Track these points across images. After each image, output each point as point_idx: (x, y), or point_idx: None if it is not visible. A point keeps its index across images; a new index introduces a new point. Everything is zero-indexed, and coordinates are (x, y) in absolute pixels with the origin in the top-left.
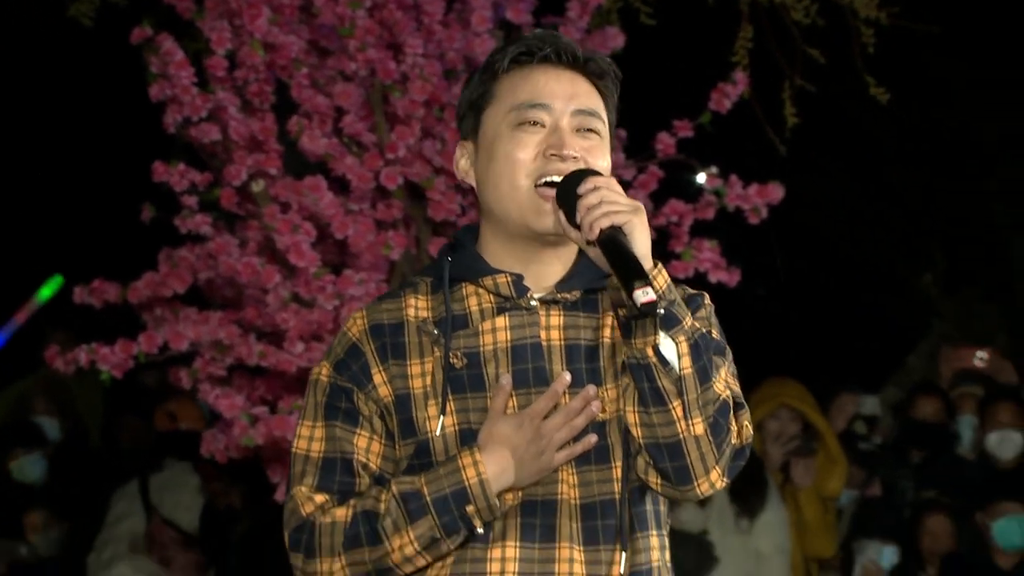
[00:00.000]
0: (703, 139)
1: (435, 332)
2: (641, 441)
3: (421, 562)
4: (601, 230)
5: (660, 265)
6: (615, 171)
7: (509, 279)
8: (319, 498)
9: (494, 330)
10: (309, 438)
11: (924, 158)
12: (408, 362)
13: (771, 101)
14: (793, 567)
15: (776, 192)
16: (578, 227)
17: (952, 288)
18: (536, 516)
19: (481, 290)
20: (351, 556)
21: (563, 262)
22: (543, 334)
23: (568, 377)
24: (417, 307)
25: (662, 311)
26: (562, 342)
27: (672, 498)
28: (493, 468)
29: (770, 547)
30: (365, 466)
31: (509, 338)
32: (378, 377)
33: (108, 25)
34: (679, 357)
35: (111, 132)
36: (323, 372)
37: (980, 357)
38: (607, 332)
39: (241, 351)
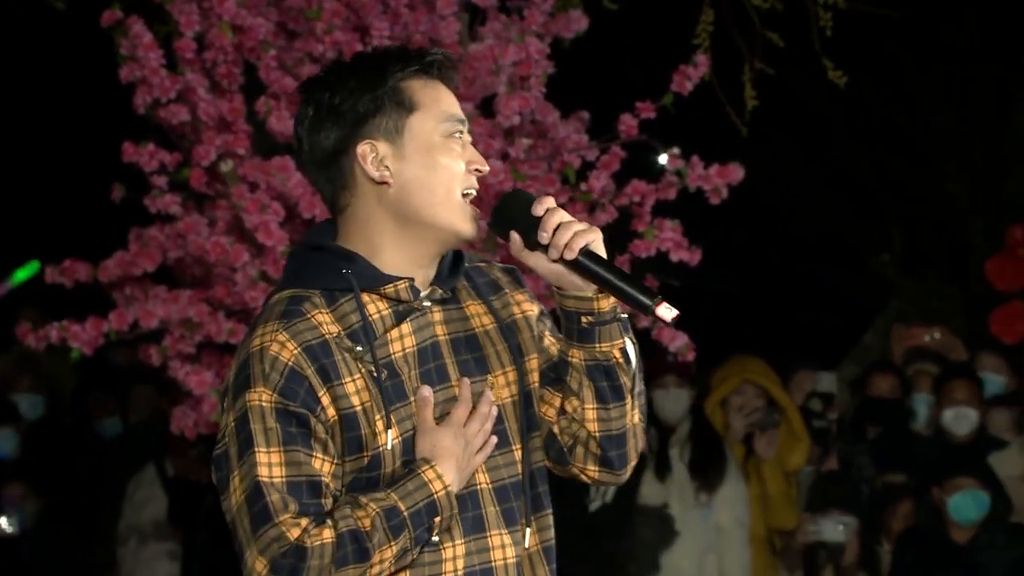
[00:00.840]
0: (665, 120)
1: (358, 348)
2: (596, 435)
3: (389, 572)
4: (579, 250)
5: None
6: (580, 151)
7: (407, 284)
8: (303, 522)
9: (401, 337)
10: (269, 464)
11: (883, 141)
12: (343, 381)
13: (732, 84)
14: (756, 539)
15: (737, 173)
16: (539, 246)
17: (909, 268)
18: (467, 510)
19: (375, 296)
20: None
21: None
22: (436, 331)
23: (452, 391)
24: (326, 323)
25: (625, 315)
26: (447, 336)
27: (605, 484)
28: (451, 478)
29: (730, 521)
30: (327, 487)
31: (415, 342)
32: (324, 399)
33: (79, 8)
34: (635, 356)
35: (82, 114)
36: (263, 398)
37: (932, 336)
38: (476, 322)
39: (210, 329)
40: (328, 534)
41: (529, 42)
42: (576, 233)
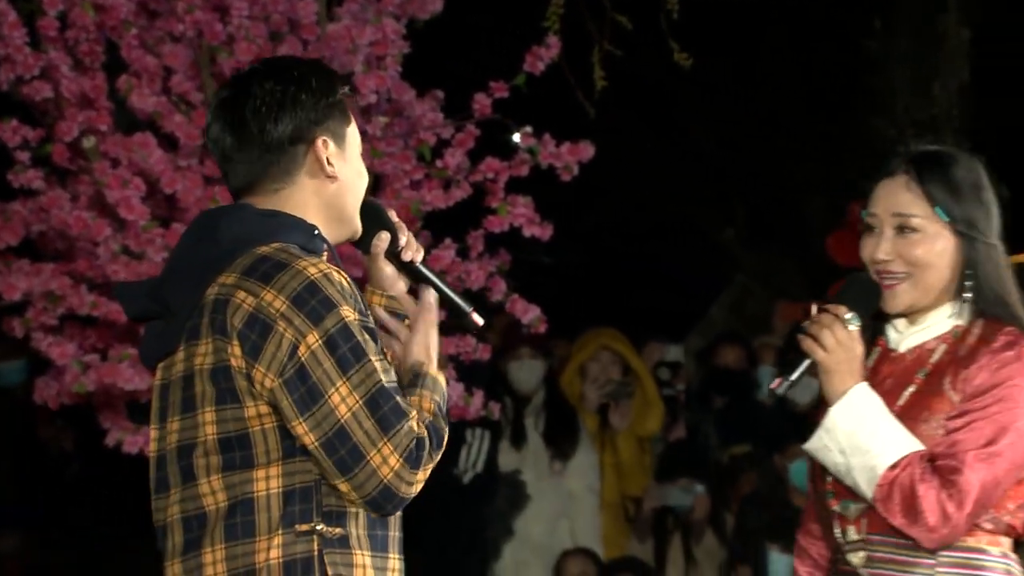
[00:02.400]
0: (518, 100)
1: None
2: None
3: None
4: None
5: None
6: (435, 129)
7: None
8: (415, 416)
9: None
10: (383, 371)
11: (727, 121)
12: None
13: (581, 65)
14: (610, 506)
15: (586, 150)
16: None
17: (753, 244)
18: None
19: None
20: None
21: None
22: None
23: None
24: None
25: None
26: None
27: None
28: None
29: (581, 487)
30: None
31: None
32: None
33: None
34: None
35: None
36: (353, 315)
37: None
38: None
39: (73, 301)
40: (422, 427)
41: (385, 23)
42: (417, 247)
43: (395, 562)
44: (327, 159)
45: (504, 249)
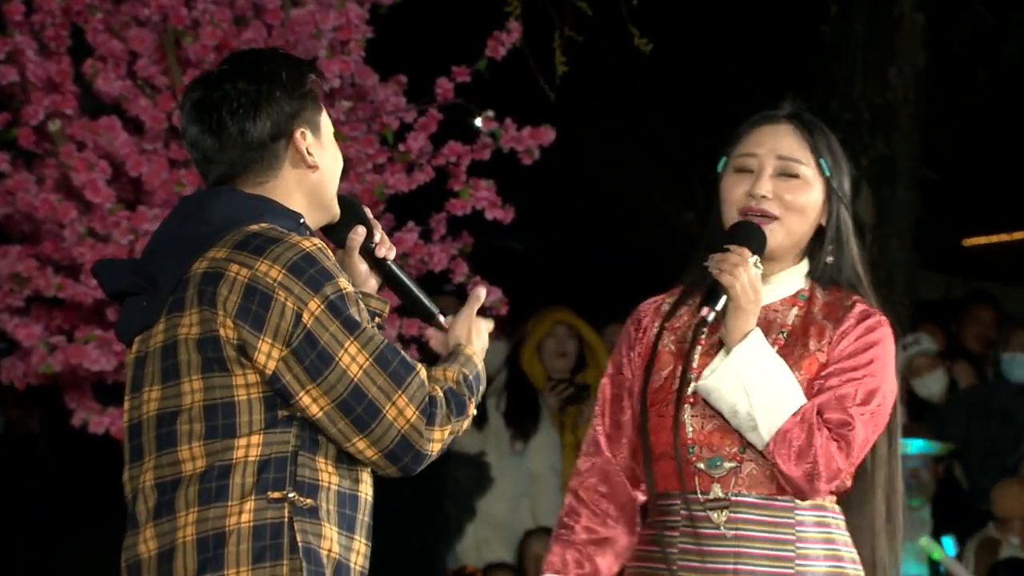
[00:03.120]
0: (480, 84)
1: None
2: None
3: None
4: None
5: None
6: (397, 114)
7: None
8: (425, 375)
9: None
10: (380, 336)
11: (686, 104)
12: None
13: (543, 50)
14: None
15: (548, 135)
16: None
17: None
18: None
19: None
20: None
21: None
22: None
23: None
24: None
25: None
26: None
27: None
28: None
29: (543, 467)
30: None
31: None
32: None
33: None
34: None
35: None
36: (350, 288)
37: None
38: None
39: (39, 283)
40: (436, 388)
41: (349, 8)
42: (390, 245)
43: (361, 545)
44: (307, 149)
45: (466, 232)
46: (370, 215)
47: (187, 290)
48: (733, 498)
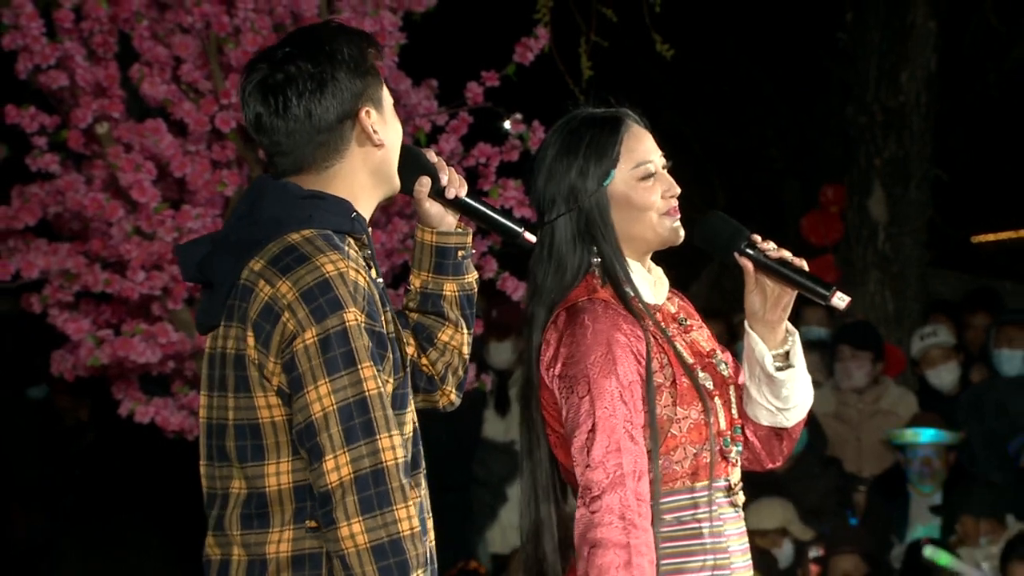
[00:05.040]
0: (509, 88)
1: (379, 280)
2: (465, 358)
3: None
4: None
5: None
6: (430, 116)
7: (371, 231)
8: (396, 440)
9: (379, 275)
10: (375, 378)
11: (708, 109)
12: (387, 308)
13: (570, 55)
14: None
15: None
16: (435, 190)
17: None
18: (415, 445)
19: (358, 239)
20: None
21: None
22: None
23: None
24: (357, 259)
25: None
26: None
27: (450, 408)
28: None
29: None
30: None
31: (377, 279)
32: (387, 324)
33: None
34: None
35: None
36: (358, 318)
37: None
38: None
39: (88, 279)
40: (401, 454)
41: (383, 15)
42: (460, 176)
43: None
44: (372, 128)
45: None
46: (434, 158)
47: (235, 299)
48: (741, 480)
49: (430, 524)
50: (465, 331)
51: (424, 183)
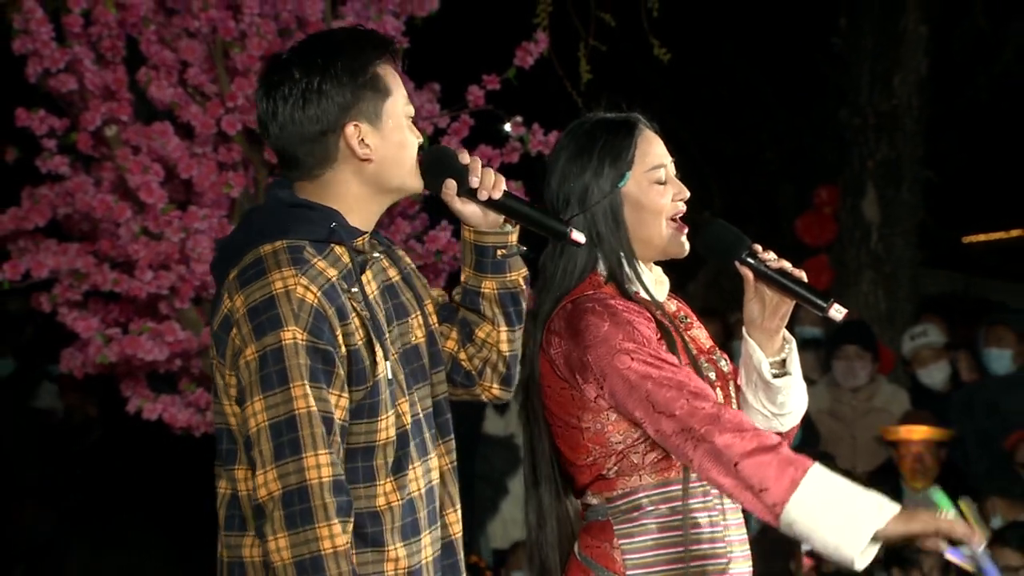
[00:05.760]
0: (509, 91)
1: (353, 290)
2: (506, 355)
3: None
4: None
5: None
6: (432, 119)
7: (367, 238)
8: (323, 459)
9: (369, 281)
10: (305, 396)
11: (704, 110)
12: (348, 320)
13: (569, 59)
14: None
15: None
16: (467, 191)
17: None
18: (419, 435)
19: (343, 247)
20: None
21: None
22: (390, 274)
23: None
24: (326, 268)
25: (524, 248)
26: (396, 279)
27: (501, 400)
28: None
29: None
30: (337, 424)
31: (377, 285)
32: (339, 338)
33: None
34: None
35: None
36: (297, 336)
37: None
38: (391, 272)
39: (96, 278)
40: (328, 472)
41: (386, 20)
42: (497, 176)
43: (396, 551)
44: (359, 143)
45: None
46: (467, 159)
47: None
48: None
49: (442, 520)
50: (503, 328)
51: (450, 186)
